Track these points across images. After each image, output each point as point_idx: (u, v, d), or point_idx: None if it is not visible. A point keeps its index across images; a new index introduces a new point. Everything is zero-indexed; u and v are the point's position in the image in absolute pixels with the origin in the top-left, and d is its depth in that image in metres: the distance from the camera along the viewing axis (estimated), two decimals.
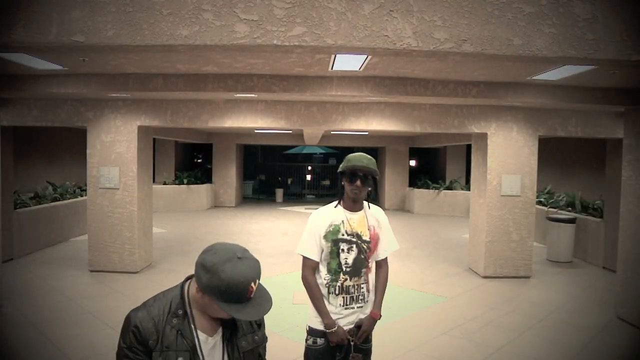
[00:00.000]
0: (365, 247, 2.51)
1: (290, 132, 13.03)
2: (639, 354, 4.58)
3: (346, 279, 2.47)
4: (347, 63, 4.54)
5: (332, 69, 4.82)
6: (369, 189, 2.51)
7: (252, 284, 1.43)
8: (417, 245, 9.74)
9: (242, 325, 1.64)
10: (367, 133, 13.76)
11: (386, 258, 2.64)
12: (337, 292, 2.49)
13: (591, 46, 2.34)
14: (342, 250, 2.48)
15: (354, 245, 2.49)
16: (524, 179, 7.13)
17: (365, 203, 2.60)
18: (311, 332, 2.52)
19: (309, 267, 2.51)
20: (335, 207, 2.56)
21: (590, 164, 10.92)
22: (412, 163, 18.14)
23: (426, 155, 20.11)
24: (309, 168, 21.47)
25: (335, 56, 4.21)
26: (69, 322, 4.98)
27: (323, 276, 2.51)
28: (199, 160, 21.74)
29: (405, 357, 4.35)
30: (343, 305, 2.49)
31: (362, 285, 2.52)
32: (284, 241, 9.75)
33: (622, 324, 5.29)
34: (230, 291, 1.41)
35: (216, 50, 2.34)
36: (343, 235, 2.49)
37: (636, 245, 5.22)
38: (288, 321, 5.06)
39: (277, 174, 21.34)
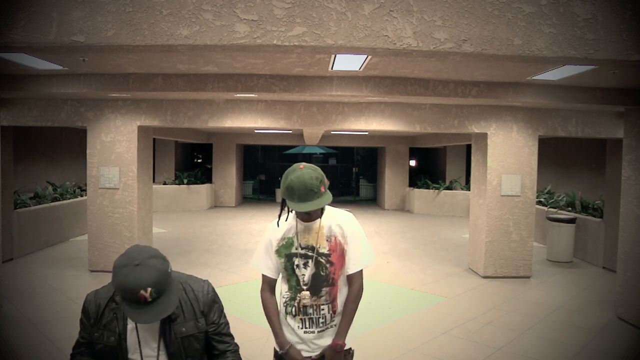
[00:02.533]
0: (323, 260, 2.14)
1: (290, 132, 13.03)
2: (639, 354, 4.58)
3: (305, 298, 2.15)
4: (347, 63, 4.53)
5: (332, 69, 4.82)
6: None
7: (143, 292, 1.50)
8: (417, 245, 9.74)
9: (184, 311, 1.74)
10: (367, 133, 13.76)
11: (359, 273, 2.20)
12: (294, 312, 2.18)
13: (591, 46, 2.34)
14: (297, 265, 2.15)
15: (310, 260, 2.14)
16: (524, 179, 7.14)
17: (326, 208, 2.20)
18: (277, 356, 2.26)
19: (265, 283, 2.25)
20: (288, 217, 2.21)
21: (590, 164, 10.92)
22: (412, 163, 18.14)
23: (426, 155, 20.11)
24: None
25: (335, 56, 4.21)
26: (69, 322, 4.98)
27: (283, 293, 2.24)
28: (199, 160, 21.74)
29: (405, 357, 4.35)
30: (301, 328, 2.17)
31: (322, 307, 2.16)
32: None
33: (622, 324, 5.29)
34: (124, 295, 1.54)
35: (216, 50, 2.34)
36: (297, 248, 2.16)
37: (636, 245, 5.22)
38: None
39: (277, 174, 21.33)
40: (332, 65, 4.66)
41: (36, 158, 11.54)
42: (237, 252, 8.56)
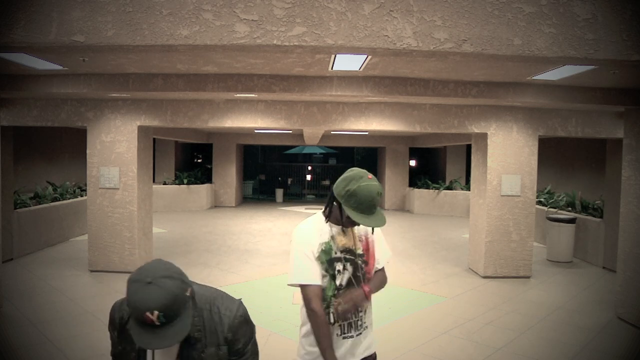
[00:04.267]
0: (360, 262, 2.13)
1: (290, 132, 13.03)
2: (639, 354, 4.58)
3: (340, 303, 2.05)
4: (347, 63, 4.53)
5: (332, 69, 4.82)
6: None
7: (148, 314, 1.35)
8: (417, 245, 9.74)
9: (206, 336, 1.57)
10: (367, 133, 13.76)
11: (383, 269, 2.27)
12: (332, 320, 2.06)
13: (591, 46, 2.34)
14: (339, 271, 2.07)
15: (348, 263, 2.10)
16: (524, 179, 7.14)
17: None
18: None
19: (316, 296, 2.01)
20: (320, 221, 2.13)
21: (590, 164, 10.92)
22: (412, 163, 18.14)
23: (426, 155, 20.12)
24: (309, 168, 21.50)
25: (335, 56, 4.21)
26: (69, 322, 4.98)
27: None
28: (199, 160, 21.75)
29: (405, 357, 4.35)
30: (340, 335, 2.09)
31: (359, 308, 2.13)
32: (283, 241, 9.75)
33: (622, 324, 5.29)
34: (131, 312, 1.39)
35: (216, 50, 2.34)
36: (336, 253, 2.07)
37: (636, 245, 5.22)
38: (288, 321, 5.05)
39: (277, 174, 21.35)
40: (332, 65, 4.66)
41: (36, 158, 11.54)
42: (237, 252, 8.56)
